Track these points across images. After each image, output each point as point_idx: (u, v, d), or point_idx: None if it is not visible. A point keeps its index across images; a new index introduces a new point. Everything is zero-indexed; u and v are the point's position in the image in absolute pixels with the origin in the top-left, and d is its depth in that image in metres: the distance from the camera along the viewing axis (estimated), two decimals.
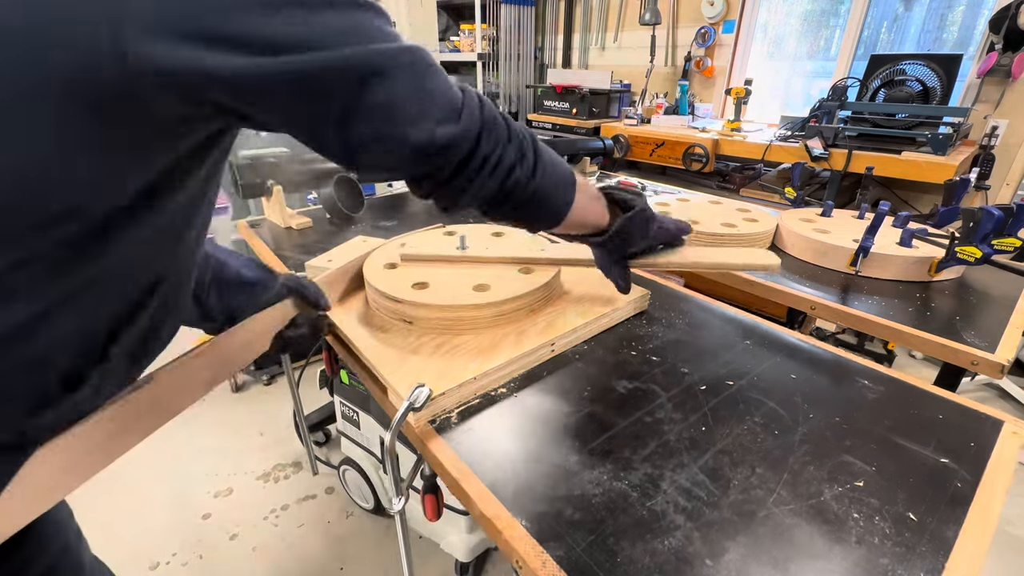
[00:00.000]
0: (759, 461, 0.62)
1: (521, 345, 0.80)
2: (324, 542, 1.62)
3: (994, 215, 1.01)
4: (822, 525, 0.54)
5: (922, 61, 2.13)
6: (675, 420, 0.69)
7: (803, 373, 0.80)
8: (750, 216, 1.38)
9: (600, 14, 3.83)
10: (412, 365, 0.75)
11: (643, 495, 0.58)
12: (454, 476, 0.60)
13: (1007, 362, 0.83)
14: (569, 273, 1.03)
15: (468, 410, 0.72)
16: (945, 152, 2.02)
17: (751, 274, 1.14)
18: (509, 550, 0.53)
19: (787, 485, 0.59)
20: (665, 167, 2.84)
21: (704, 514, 0.55)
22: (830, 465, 0.62)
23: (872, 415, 0.71)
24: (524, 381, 0.78)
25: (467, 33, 3.99)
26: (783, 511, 0.56)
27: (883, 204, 1.16)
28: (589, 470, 0.61)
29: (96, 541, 1.70)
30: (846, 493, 0.58)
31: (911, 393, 0.76)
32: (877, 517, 0.55)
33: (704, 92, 3.39)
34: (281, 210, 1.44)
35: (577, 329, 0.86)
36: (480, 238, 1.08)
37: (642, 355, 0.84)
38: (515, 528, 0.53)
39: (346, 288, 0.96)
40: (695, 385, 0.77)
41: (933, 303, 1.03)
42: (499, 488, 0.58)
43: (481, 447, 0.65)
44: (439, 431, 0.67)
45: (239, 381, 2.37)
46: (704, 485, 0.59)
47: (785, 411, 0.71)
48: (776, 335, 0.91)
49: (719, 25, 3.19)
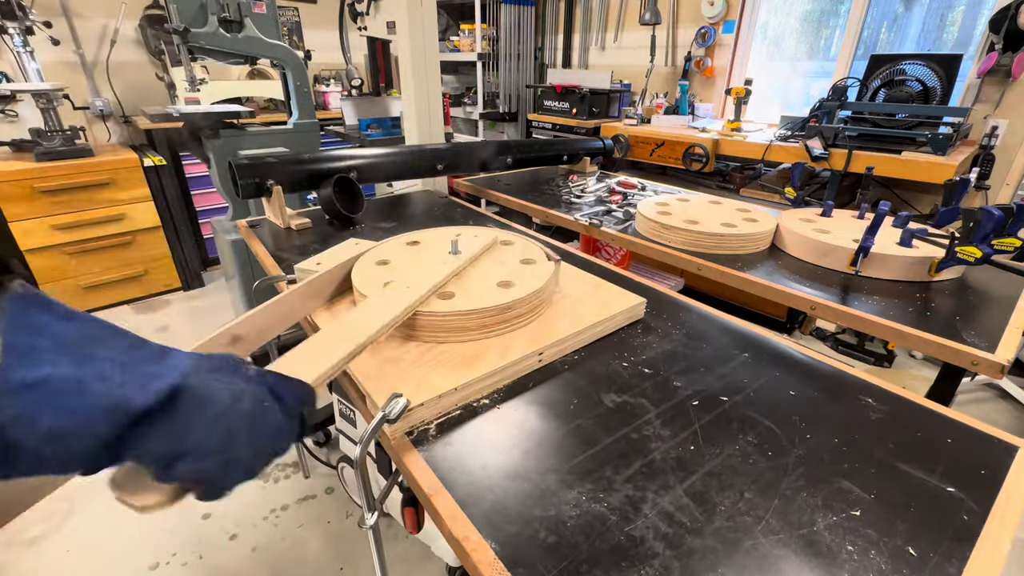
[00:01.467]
0: (749, 485, 0.59)
1: (507, 355, 0.76)
2: (324, 542, 1.62)
3: (994, 215, 1.01)
4: (812, 558, 0.51)
5: (922, 61, 2.13)
6: (663, 437, 0.66)
7: (803, 390, 0.77)
8: (750, 216, 1.38)
9: (600, 14, 3.83)
10: (392, 373, 0.72)
11: (622, 519, 0.54)
12: (426, 492, 0.58)
13: (1007, 362, 0.83)
14: (565, 280, 1.02)
15: (447, 422, 0.68)
16: (945, 152, 2.02)
17: (749, 273, 1.14)
18: (476, 574, 0.50)
19: (777, 512, 0.56)
20: (665, 167, 2.84)
21: (685, 541, 0.52)
22: (825, 491, 0.58)
23: (874, 437, 0.67)
24: (508, 393, 0.74)
25: (467, 33, 3.99)
26: (771, 541, 0.52)
27: (883, 204, 1.16)
28: (567, 490, 0.58)
29: (96, 541, 1.70)
30: (841, 523, 0.55)
31: (918, 413, 0.72)
32: (873, 551, 0.52)
33: (704, 92, 3.39)
34: (280, 210, 1.44)
35: (567, 339, 0.82)
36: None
37: (634, 367, 0.81)
38: (484, 551, 0.51)
39: (333, 291, 0.95)
40: (687, 400, 0.73)
41: (933, 303, 1.03)
42: (471, 506, 0.56)
43: (458, 462, 0.62)
44: (416, 444, 0.64)
45: None
46: (688, 509, 0.56)
47: (781, 431, 0.68)
48: (777, 347, 0.88)
49: (719, 25, 3.19)
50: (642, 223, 1.39)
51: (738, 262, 1.21)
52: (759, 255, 1.27)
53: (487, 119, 4.22)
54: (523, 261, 0.98)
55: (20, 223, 2.62)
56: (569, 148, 2.14)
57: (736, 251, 1.27)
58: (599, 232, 1.44)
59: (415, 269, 0.92)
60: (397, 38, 1.83)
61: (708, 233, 1.26)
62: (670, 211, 1.40)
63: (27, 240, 2.66)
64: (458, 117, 4.58)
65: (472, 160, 1.81)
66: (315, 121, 2.41)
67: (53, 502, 1.75)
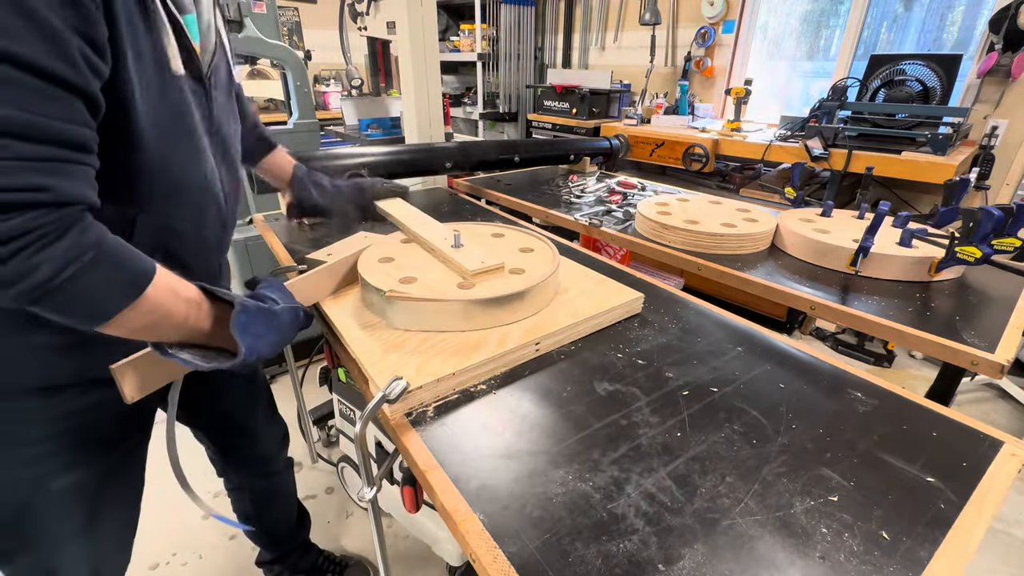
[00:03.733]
0: (731, 470, 0.61)
1: (505, 343, 0.79)
2: (324, 542, 1.62)
3: (994, 215, 1.01)
4: (787, 538, 0.53)
5: (922, 61, 2.13)
6: (651, 424, 0.68)
7: (793, 383, 0.78)
8: (750, 216, 1.38)
9: (600, 14, 3.83)
10: (394, 358, 0.76)
11: (606, 497, 0.57)
12: (421, 468, 0.61)
13: (1007, 362, 0.83)
14: (565, 275, 1.03)
15: (445, 405, 0.72)
16: (945, 152, 2.02)
17: (749, 273, 1.14)
18: (464, 544, 0.53)
19: (756, 496, 0.58)
20: (665, 167, 2.85)
21: (665, 519, 0.54)
22: (805, 478, 0.60)
23: (859, 429, 0.68)
24: (505, 379, 0.77)
25: (467, 33, 4.00)
26: (747, 521, 0.54)
27: (883, 204, 1.16)
28: (555, 469, 0.61)
29: None
30: (818, 507, 0.56)
31: (906, 408, 0.73)
32: (847, 534, 0.53)
33: (704, 92, 3.39)
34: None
35: (564, 330, 0.85)
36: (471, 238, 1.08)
37: (628, 358, 0.83)
38: (472, 522, 0.54)
39: (340, 282, 0.98)
40: (678, 390, 0.75)
41: (933, 303, 1.03)
42: (463, 482, 0.59)
43: (453, 441, 0.65)
44: (414, 424, 0.68)
45: None
46: (670, 491, 0.58)
47: (767, 420, 0.69)
48: (770, 343, 0.89)
49: (719, 25, 3.19)
50: (642, 223, 1.39)
51: (738, 262, 1.21)
52: (759, 255, 1.27)
53: (487, 119, 4.22)
54: (522, 249, 1.01)
55: None
56: (575, 148, 2.14)
57: (736, 251, 1.27)
58: (599, 232, 1.44)
59: (417, 259, 0.99)
60: (397, 38, 1.83)
61: (708, 233, 1.26)
62: (670, 211, 1.41)
63: None
64: (458, 117, 4.58)
65: (482, 158, 1.82)
66: (315, 121, 2.41)
67: None
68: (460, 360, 0.75)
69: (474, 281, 0.89)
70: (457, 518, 0.54)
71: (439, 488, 0.58)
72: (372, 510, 0.77)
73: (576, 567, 0.49)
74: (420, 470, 0.61)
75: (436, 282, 0.90)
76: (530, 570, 0.49)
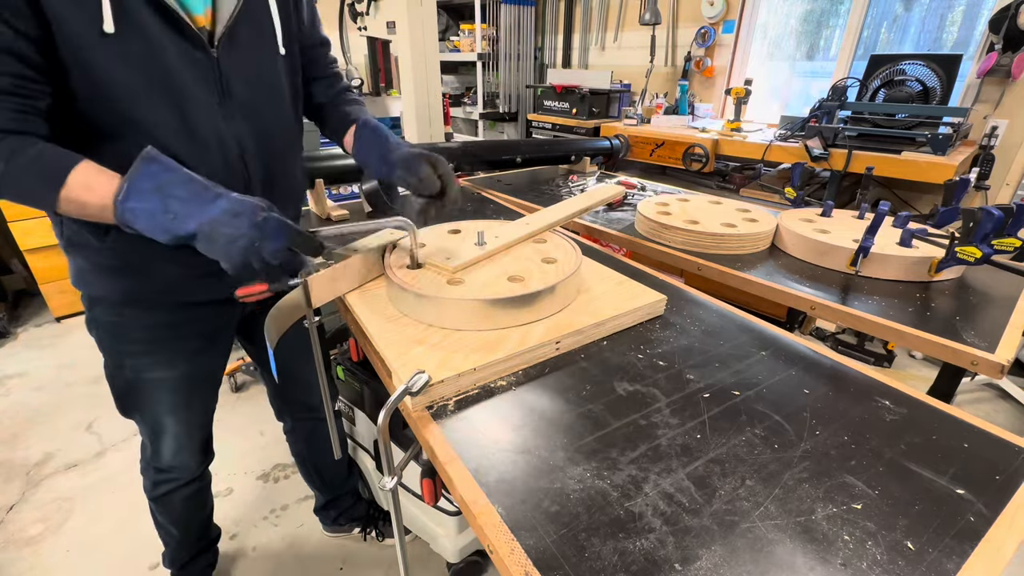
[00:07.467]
0: (751, 473, 0.60)
1: (526, 341, 0.80)
2: (324, 542, 1.62)
3: (994, 215, 1.01)
4: (807, 544, 0.52)
5: (922, 61, 2.13)
6: (671, 425, 0.68)
7: (818, 389, 0.76)
8: (750, 216, 1.38)
9: (600, 14, 3.83)
10: (417, 352, 0.77)
11: (623, 495, 0.57)
12: (441, 460, 0.62)
13: (1007, 362, 0.83)
14: (588, 275, 1.02)
15: (466, 400, 0.72)
16: (945, 152, 2.02)
17: (749, 273, 1.14)
18: (482, 535, 0.53)
19: (777, 500, 0.57)
20: (665, 167, 2.85)
21: (683, 520, 0.54)
22: (828, 484, 0.59)
23: (886, 437, 0.67)
24: (525, 376, 0.78)
25: (467, 33, 4.00)
26: (767, 525, 0.54)
27: (883, 204, 1.16)
28: (573, 466, 0.61)
29: (97, 540, 1.70)
30: (840, 514, 0.55)
31: (936, 418, 0.71)
32: (870, 542, 0.52)
33: (704, 92, 3.40)
34: (321, 201, 1.51)
35: (585, 330, 0.85)
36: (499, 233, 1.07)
37: (649, 359, 0.82)
38: (491, 515, 0.54)
39: (366, 276, 0.99)
40: (698, 392, 0.74)
41: (933, 303, 1.03)
42: (482, 475, 0.59)
43: (472, 435, 0.66)
44: (435, 417, 0.69)
45: (239, 381, 2.37)
46: (688, 492, 0.57)
47: (790, 426, 0.68)
48: (796, 348, 0.87)
49: (719, 25, 3.19)
50: (642, 223, 1.39)
51: (738, 262, 1.21)
52: (759, 255, 1.27)
53: (487, 119, 4.22)
54: (545, 260, 1.01)
55: (20, 223, 2.63)
56: (575, 148, 2.14)
57: (736, 251, 1.27)
58: (599, 232, 1.44)
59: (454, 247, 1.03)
60: (397, 38, 1.83)
61: (708, 233, 1.26)
62: (670, 211, 1.41)
63: (27, 240, 2.66)
64: (458, 117, 4.58)
65: (484, 158, 1.84)
66: None
67: (53, 502, 1.75)
68: (481, 356, 0.76)
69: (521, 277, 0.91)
70: (475, 510, 0.55)
71: (458, 480, 0.59)
72: (392, 499, 0.78)
73: (592, 562, 0.49)
74: (440, 462, 0.62)
75: (475, 281, 0.90)
76: (547, 563, 0.49)
